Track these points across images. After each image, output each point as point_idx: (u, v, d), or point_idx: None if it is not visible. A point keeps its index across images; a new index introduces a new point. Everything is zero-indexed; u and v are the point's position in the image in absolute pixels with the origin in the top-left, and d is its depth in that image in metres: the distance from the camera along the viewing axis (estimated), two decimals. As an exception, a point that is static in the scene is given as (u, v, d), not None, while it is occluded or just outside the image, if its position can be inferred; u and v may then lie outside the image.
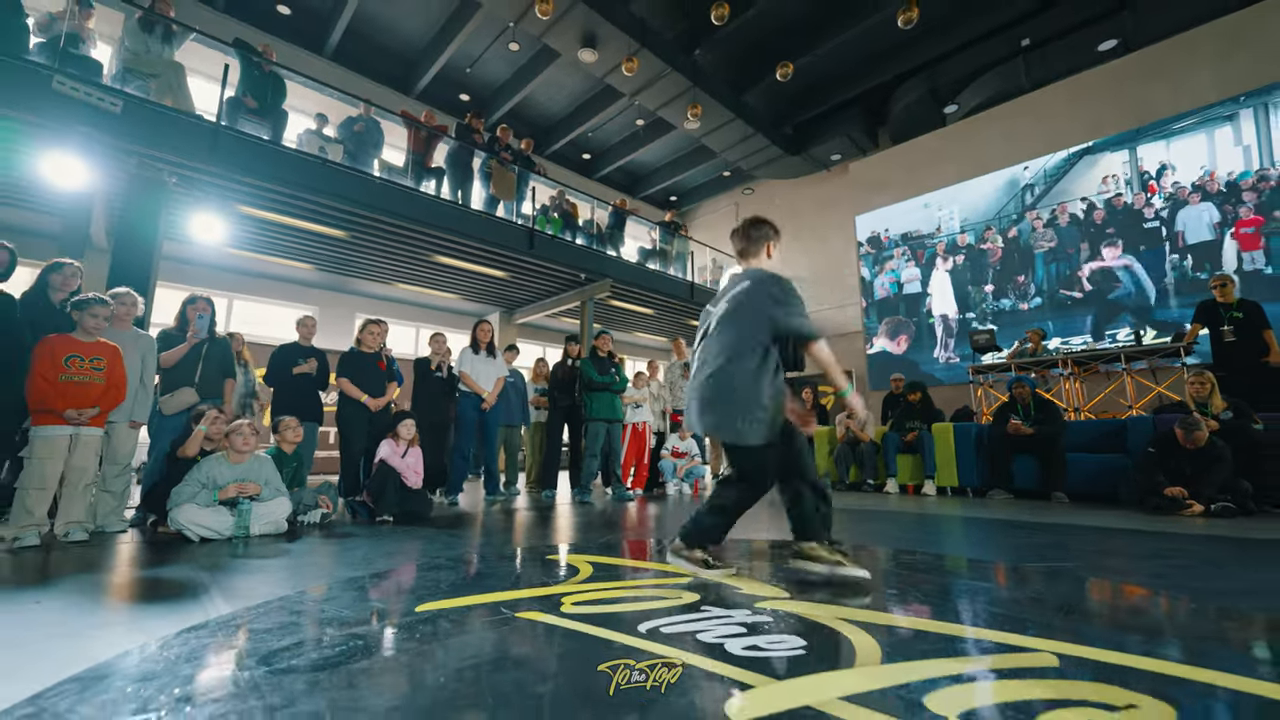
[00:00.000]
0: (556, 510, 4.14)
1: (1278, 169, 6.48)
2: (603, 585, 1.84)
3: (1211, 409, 4.24)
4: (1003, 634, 1.34)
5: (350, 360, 4.12)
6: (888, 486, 5.73)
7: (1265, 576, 1.97)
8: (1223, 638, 1.39)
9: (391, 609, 1.59)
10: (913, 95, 9.26)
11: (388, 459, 3.55)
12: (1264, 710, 0.96)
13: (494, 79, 9.88)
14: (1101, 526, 3.24)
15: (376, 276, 8.30)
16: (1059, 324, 7.70)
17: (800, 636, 1.32)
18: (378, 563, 2.23)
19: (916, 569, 2.12)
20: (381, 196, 6.19)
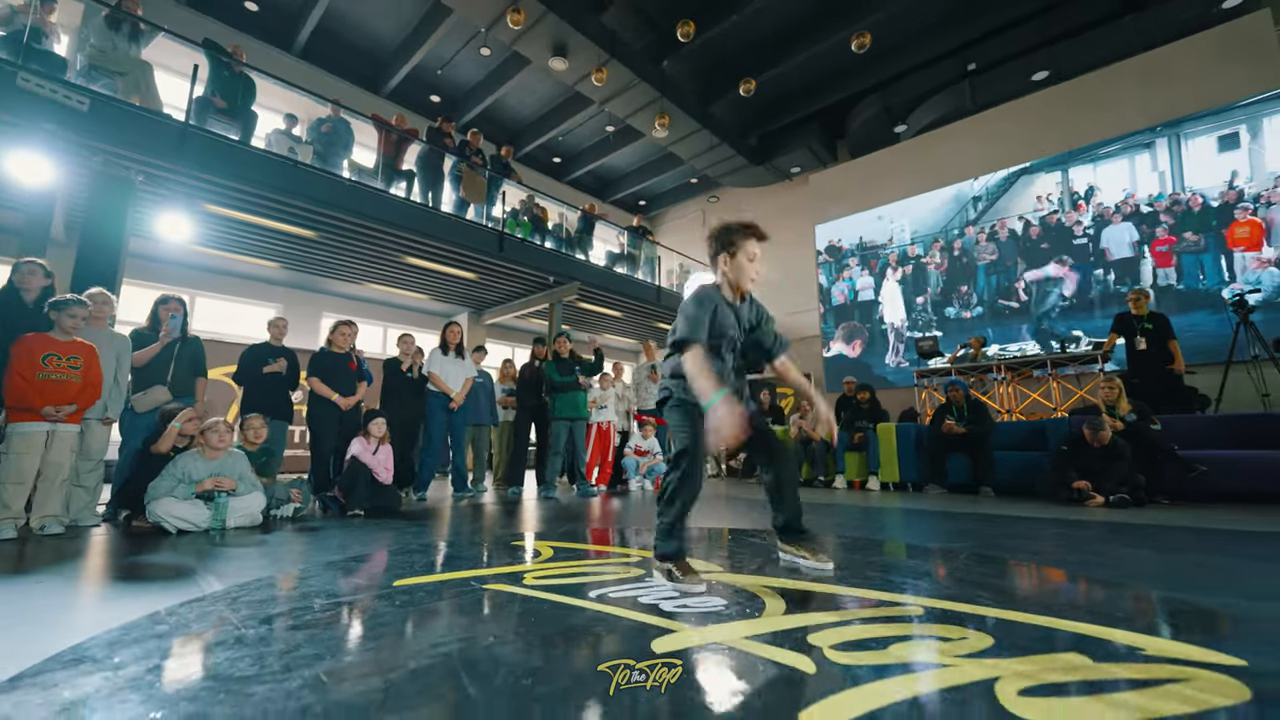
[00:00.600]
0: (522, 505, 4.35)
1: (1187, 193, 7.14)
2: (563, 564, 2.07)
3: (1119, 411, 4.72)
4: (888, 594, 1.63)
5: (321, 360, 4.24)
6: (836, 482, 6.12)
7: (1128, 553, 2.33)
8: (1069, 596, 1.71)
9: (371, 584, 1.79)
10: (869, 112, 9.76)
11: (359, 455, 3.70)
12: (1054, 638, 1.26)
13: (465, 81, 9.97)
14: (1014, 515, 3.63)
15: (345, 276, 8.32)
16: (998, 331, 8.27)
17: (723, 599, 1.59)
18: (353, 549, 2.41)
19: (844, 550, 2.42)
20: (351, 198, 6.27)
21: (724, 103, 9.96)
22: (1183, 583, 1.78)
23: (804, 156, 11.06)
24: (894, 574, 1.94)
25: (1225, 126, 6.96)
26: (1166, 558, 2.21)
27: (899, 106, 9.56)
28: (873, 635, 1.28)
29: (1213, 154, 7.01)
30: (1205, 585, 1.74)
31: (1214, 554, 2.28)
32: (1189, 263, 7.05)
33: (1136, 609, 1.53)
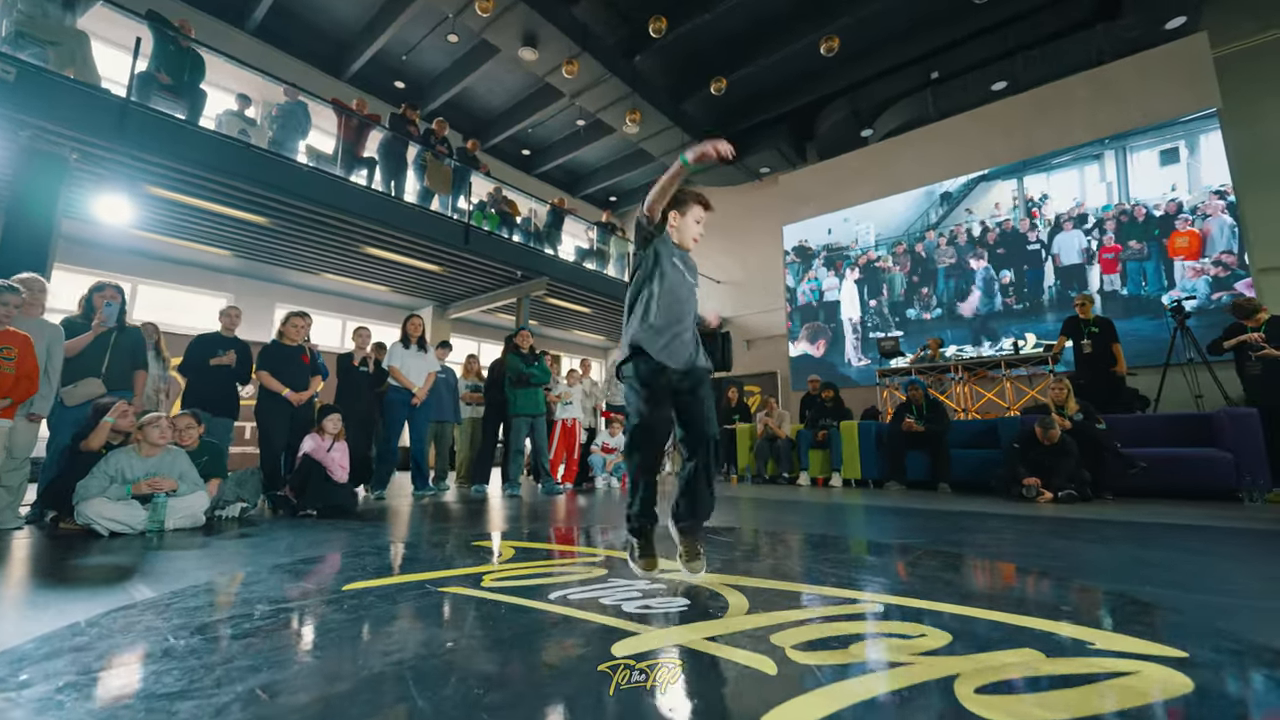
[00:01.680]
0: (486, 503, 4.26)
1: (1132, 204, 7.50)
2: (525, 565, 2.02)
3: (1067, 410, 4.91)
4: (850, 591, 1.64)
5: (272, 353, 4.05)
6: (800, 479, 6.21)
7: (1074, 548, 2.42)
8: (1022, 591, 1.76)
9: (319, 588, 1.70)
10: (837, 115, 9.91)
11: (312, 453, 3.55)
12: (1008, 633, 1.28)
13: (431, 68, 9.70)
14: (970, 511, 3.74)
15: (301, 266, 8.00)
16: (955, 333, 8.53)
17: (687, 598, 1.57)
18: (302, 551, 2.30)
19: (809, 547, 2.43)
20: (308, 184, 6.02)
21: (695, 100, 9.96)
22: (1126, 576, 1.85)
23: (773, 157, 11.17)
24: (855, 571, 1.96)
25: (1167, 141, 7.34)
26: (1110, 551, 2.30)
27: (866, 111, 9.74)
28: (834, 634, 1.28)
29: (1155, 167, 7.38)
30: (1146, 578, 1.81)
31: (1153, 548, 2.39)
32: (1132, 270, 7.41)
33: (1084, 603, 1.57)
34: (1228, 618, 1.39)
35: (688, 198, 1.98)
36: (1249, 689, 1.01)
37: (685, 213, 1.97)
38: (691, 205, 1.97)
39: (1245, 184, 7.02)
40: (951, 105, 8.98)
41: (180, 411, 3.27)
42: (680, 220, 1.97)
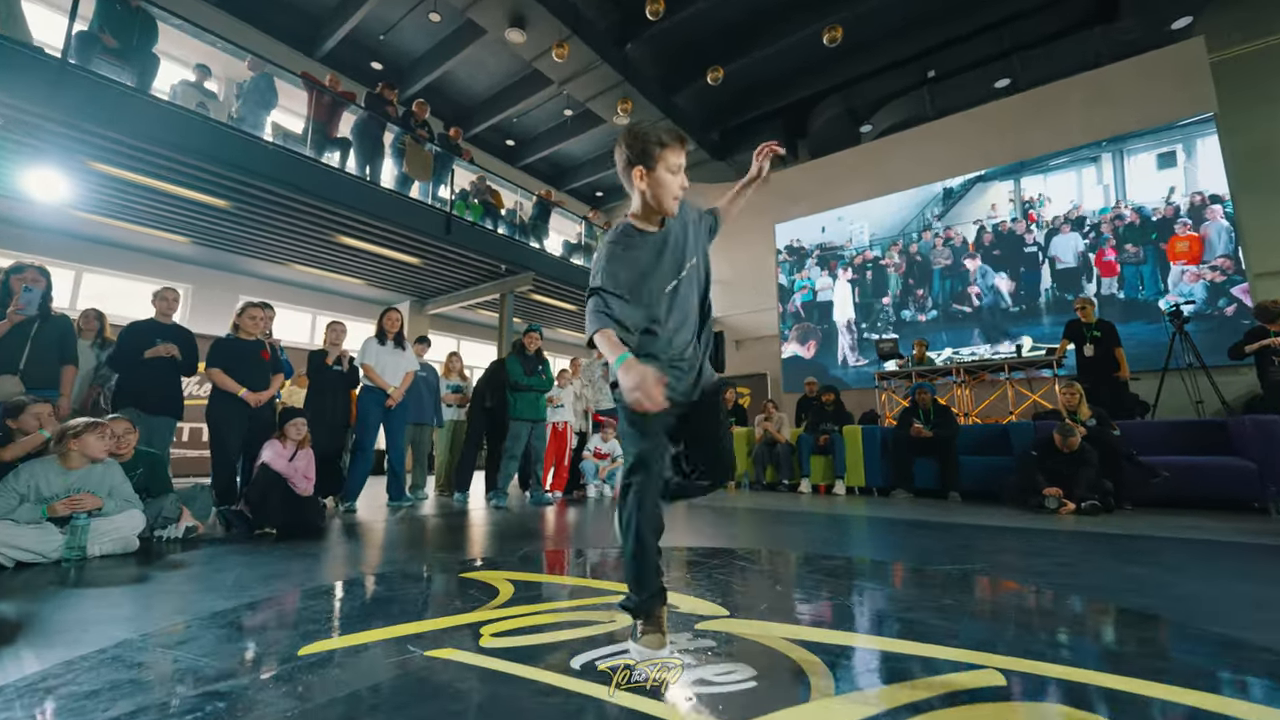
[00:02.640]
0: (470, 517, 3.85)
1: (1129, 207, 7.43)
2: (525, 609, 1.65)
3: (1080, 416, 4.72)
4: (942, 648, 1.31)
5: (225, 348, 3.58)
6: (801, 486, 5.93)
7: (1150, 574, 2.14)
8: (1158, 648, 1.45)
9: (267, 653, 1.31)
10: (831, 112, 9.71)
11: (271, 463, 3.11)
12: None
13: (411, 50, 9.19)
14: (1000, 526, 3.47)
15: (268, 255, 7.44)
16: (951, 335, 8.38)
17: (748, 665, 1.22)
18: (253, 589, 1.89)
19: (844, 575, 2.11)
20: (275, 165, 5.51)
21: (687, 93, 9.65)
22: (1239, 619, 1.56)
23: (765, 154, 10.92)
24: (931, 614, 1.63)
25: (1164, 145, 7.27)
26: (1193, 581, 2.03)
27: (861, 108, 9.56)
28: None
29: (1153, 170, 7.31)
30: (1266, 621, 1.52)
31: (1237, 579, 2.12)
32: (1130, 273, 7.33)
33: (1233, 664, 1.27)
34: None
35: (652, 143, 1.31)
36: None
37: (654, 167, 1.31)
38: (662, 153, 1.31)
39: (1241, 189, 6.99)
40: (948, 104, 8.84)
41: (113, 415, 2.79)
42: (649, 179, 1.32)
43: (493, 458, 5.38)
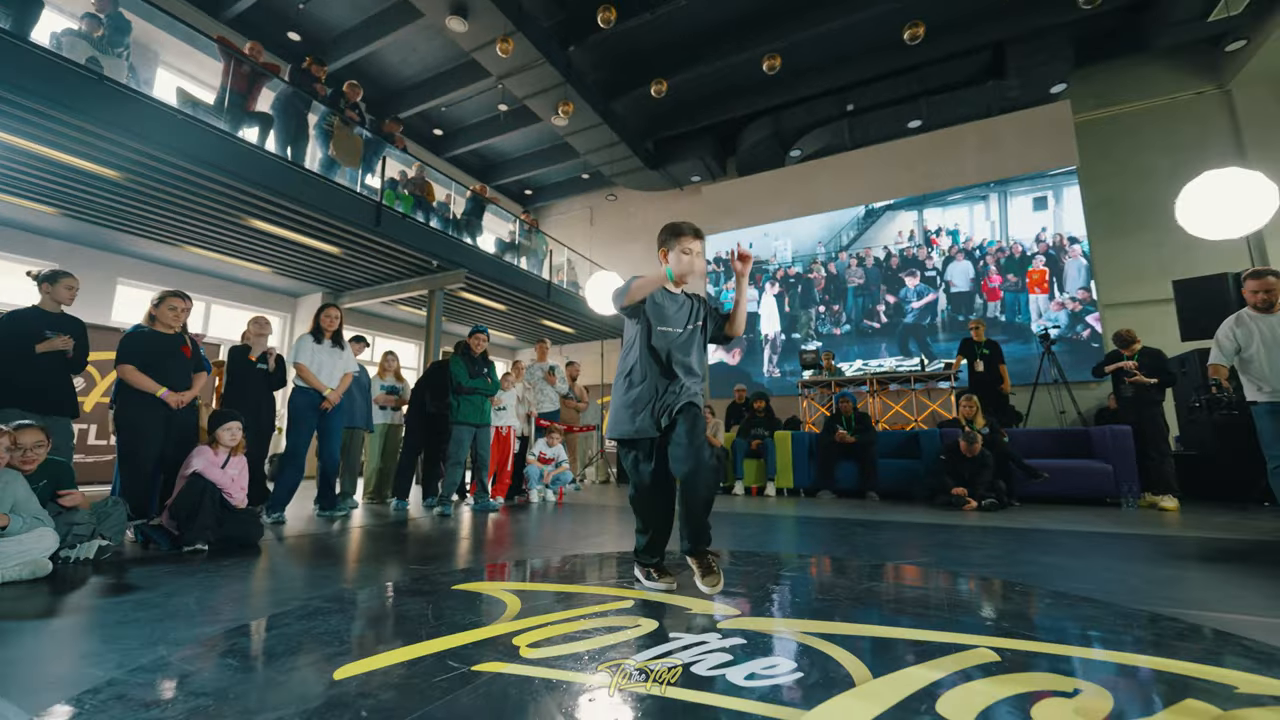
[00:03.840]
0: (418, 527, 3.69)
1: (1010, 242, 8.53)
2: (544, 619, 1.65)
3: (976, 425, 5.36)
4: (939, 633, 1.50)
5: (140, 342, 3.18)
6: (735, 489, 6.22)
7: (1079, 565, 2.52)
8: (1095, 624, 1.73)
9: (297, 680, 1.22)
10: (761, 134, 10.26)
11: (204, 471, 2.80)
12: (1161, 683, 1.20)
13: (334, 23, 8.54)
14: (919, 522, 3.88)
15: (159, 235, 6.59)
16: (862, 348, 9.16)
17: (788, 659, 1.33)
18: (225, 611, 1.73)
19: (831, 572, 2.29)
20: (181, 136, 4.92)
21: (626, 101, 9.77)
22: (1142, 594, 1.91)
23: (697, 167, 11.31)
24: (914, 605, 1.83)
25: (1039, 190, 8.45)
26: (1096, 565, 2.42)
27: (787, 133, 10.18)
28: (999, 697, 1.11)
29: (1029, 211, 8.46)
30: (1186, 601, 1.88)
31: (1123, 560, 2.55)
32: (1010, 300, 8.41)
33: (1157, 632, 1.56)
34: None
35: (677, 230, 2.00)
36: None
37: (673, 248, 1.99)
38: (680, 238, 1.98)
39: (1095, 233, 8.27)
40: (865, 137, 9.66)
41: (22, 423, 2.38)
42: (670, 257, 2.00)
43: (430, 464, 5.16)
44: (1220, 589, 2.06)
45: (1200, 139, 8.31)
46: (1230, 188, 4.53)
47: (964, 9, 7.86)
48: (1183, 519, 4.03)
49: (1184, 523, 3.82)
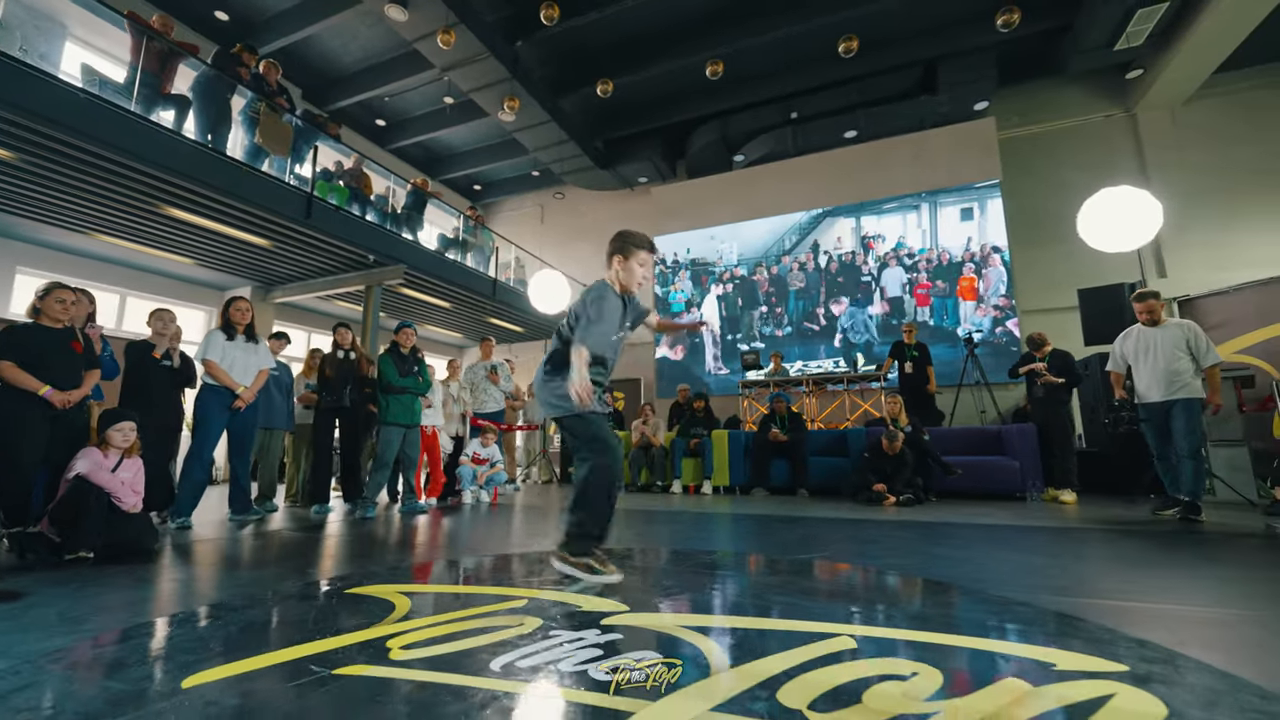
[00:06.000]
0: (336, 531, 3.58)
1: (938, 250, 8.98)
2: (428, 621, 1.64)
3: (900, 423, 5.62)
4: (807, 623, 1.58)
5: (22, 336, 2.96)
6: (673, 487, 6.30)
7: (964, 555, 2.68)
8: (953, 609, 1.85)
9: (140, 690, 1.18)
10: (708, 138, 10.42)
11: (90, 474, 2.64)
12: (983, 661, 1.30)
13: (267, 5, 8.14)
14: (845, 519, 4.03)
15: (64, 222, 6.13)
16: (802, 349, 9.44)
17: (655, 652, 1.37)
18: (89, 621, 1.64)
19: (720, 567, 2.37)
20: (84, 116, 4.60)
21: (574, 99, 9.73)
22: (1010, 582, 2.06)
23: (647, 168, 11.38)
24: (796, 597, 1.92)
25: (965, 201, 8.92)
26: (980, 556, 2.59)
27: (734, 138, 10.38)
28: (836, 683, 1.18)
29: (957, 221, 8.92)
30: (1044, 587, 2.03)
31: (1010, 550, 2.74)
32: (938, 305, 8.84)
33: (1007, 617, 1.69)
34: (1125, 622, 1.57)
35: (630, 243, 2.14)
36: (1206, 703, 1.11)
37: (630, 257, 2.13)
38: (636, 251, 2.14)
39: (1015, 243, 8.80)
40: (808, 144, 9.95)
41: None
42: (624, 266, 2.14)
43: (346, 464, 4.94)
44: (1079, 575, 2.25)
45: (1109, 158, 8.97)
46: (1122, 205, 4.92)
47: (899, 27, 8.21)
48: (1079, 511, 4.34)
49: (1077, 515, 4.13)
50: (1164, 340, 3.79)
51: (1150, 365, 3.84)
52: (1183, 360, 3.70)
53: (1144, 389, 3.91)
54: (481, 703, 1.09)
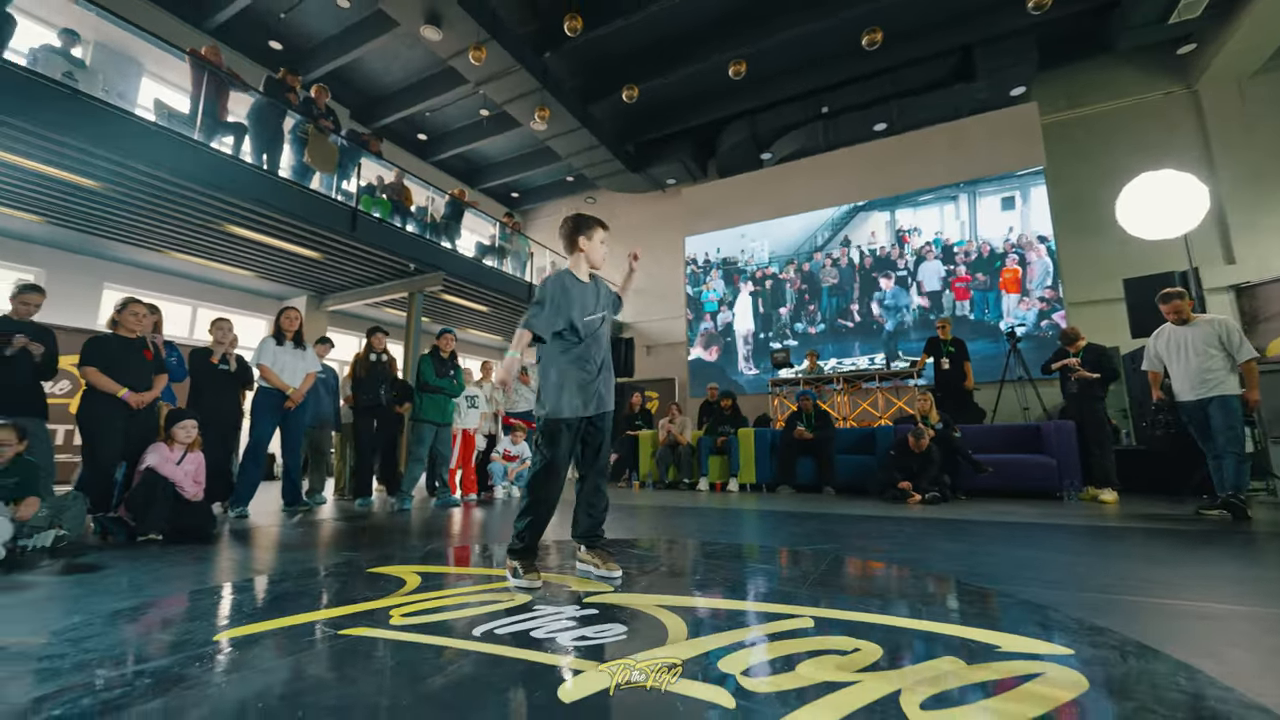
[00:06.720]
0: (372, 521, 3.87)
1: (979, 242, 8.67)
2: (431, 595, 1.83)
3: (930, 421, 5.52)
4: (778, 606, 1.67)
5: (102, 346, 3.36)
6: (700, 484, 6.39)
7: (955, 549, 2.69)
8: (927, 596, 1.90)
9: (184, 639, 1.41)
10: (738, 136, 10.41)
11: (158, 466, 2.99)
12: (929, 641, 1.37)
13: (315, 33, 8.74)
14: (858, 514, 4.04)
15: (140, 240, 6.79)
16: (836, 347, 9.31)
17: (623, 624, 1.50)
18: (151, 589, 1.91)
19: (718, 557, 2.47)
20: (157, 147, 5.12)
21: (604, 105, 9.94)
22: (1002, 575, 2.08)
23: (677, 170, 11.47)
24: (778, 584, 2.01)
25: (1006, 190, 8.58)
26: (981, 551, 2.58)
27: (764, 135, 10.33)
28: (777, 655, 1.28)
29: (998, 211, 8.60)
30: (1025, 579, 2.04)
31: (1022, 547, 2.72)
32: (978, 298, 8.55)
33: (981, 606, 1.73)
34: (1096, 613, 1.59)
35: (588, 223, 2.24)
36: (1130, 683, 1.15)
37: (592, 237, 2.22)
38: (594, 229, 2.23)
39: (1062, 232, 8.41)
40: (839, 139, 9.81)
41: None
42: (588, 244, 2.22)
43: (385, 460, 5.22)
44: (1081, 570, 2.23)
45: (1168, 138, 8.44)
46: (1165, 190, 4.69)
47: (928, 15, 8.00)
48: (1117, 510, 4.18)
49: (1113, 514, 3.98)
50: (1194, 339, 3.64)
51: (1183, 364, 3.69)
52: (1215, 358, 3.54)
53: (1178, 389, 3.75)
54: (451, 659, 1.26)
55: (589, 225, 2.23)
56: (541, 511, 2.07)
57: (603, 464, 2.21)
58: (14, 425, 2.73)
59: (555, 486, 2.08)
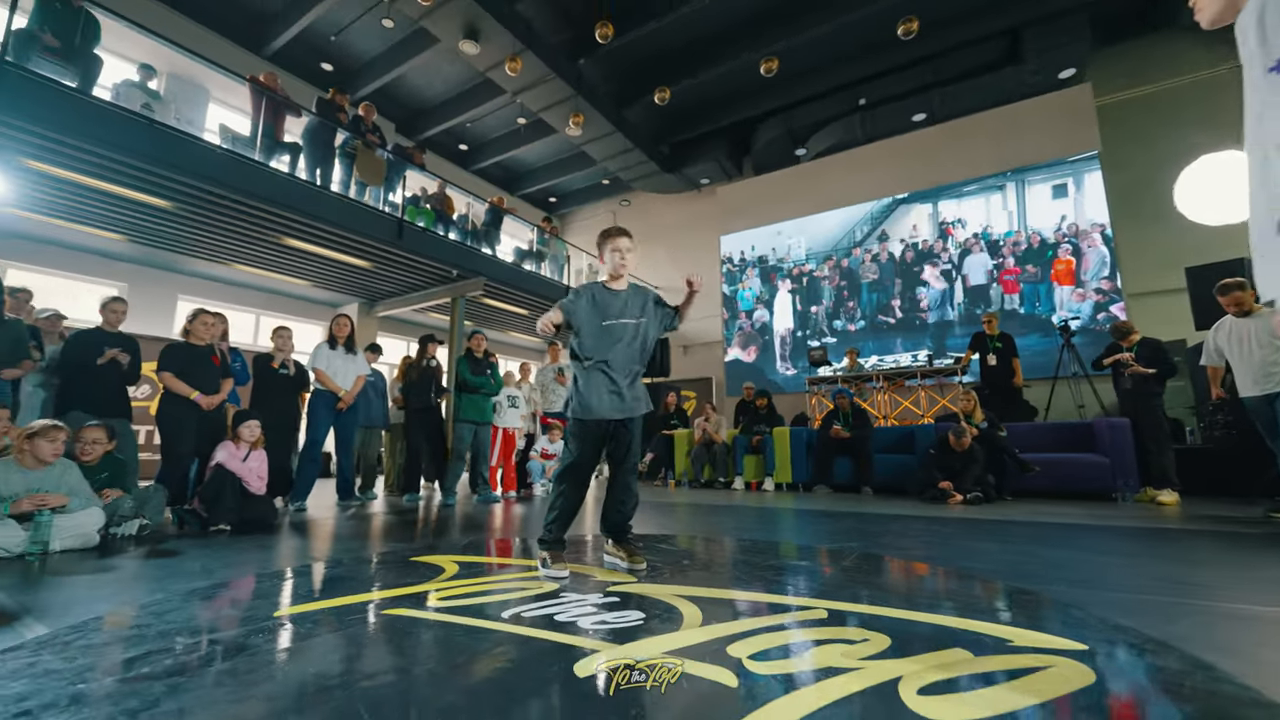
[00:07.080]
0: (418, 514, 4.09)
1: (1028, 232, 8.32)
2: (468, 581, 1.96)
3: (974, 419, 5.36)
4: (795, 599, 1.72)
5: (176, 353, 3.69)
6: (735, 483, 6.40)
7: (983, 548, 2.65)
8: (945, 591, 1.90)
9: (248, 615, 1.58)
10: (773, 133, 10.33)
11: (226, 463, 3.27)
12: (939, 634, 1.39)
13: (363, 53, 9.20)
14: (892, 514, 3.99)
15: (208, 255, 7.33)
16: (877, 344, 9.11)
17: (641, 611, 1.58)
18: (220, 573, 2.12)
19: (744, 552, 2.52)
20: (221, 168, 5.54)
21: (638, 108, 10.05)
22: (1036, 576, 2.05)
23: (712, 169, 11.46)
24: (798, 578, 2.05)
25: (1058, 177, 8.20)
26: (1019, 552, 2.54)
27: (800, 130, 10.21)
28: (784, 642, 1.33)
29: (1048, 200, 8.23)
30: (1053, 578, 2.01)
31: (1056, 548, 2.65)
32: (1028, 291, 8.20)
33: (1004, 603, 1.73)
34: (1123, 612, 1.57)
35: (605, 235, 2.28)
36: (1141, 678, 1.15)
37: (605, 248, 2.27)
38: (609, 239, 2.27)
39: (1119, 220, 7.97)
40: (877, 131, 9.59)
41: (91, 421, 2.92)
42: (604, 256, 2.28)
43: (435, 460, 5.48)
44: (1119, 571, 2.17)
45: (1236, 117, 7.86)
46: (1227, 172, 4.42)
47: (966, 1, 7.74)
48: (1176, 511, 3.97)
49: (1171, 515, 3.79)
50: (1258, 331, 3.42)
51: (1245, 358, 3.47)
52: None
53: (1241, 384, 3.54)
54: (482, 636, 1.37)
55: (605, 237, 2.28)
56: (568, 506, 2.15)
57: (632, 462, 2.24)
58: (104, 426, 3.05)
59: (581, 483, 2.16)
